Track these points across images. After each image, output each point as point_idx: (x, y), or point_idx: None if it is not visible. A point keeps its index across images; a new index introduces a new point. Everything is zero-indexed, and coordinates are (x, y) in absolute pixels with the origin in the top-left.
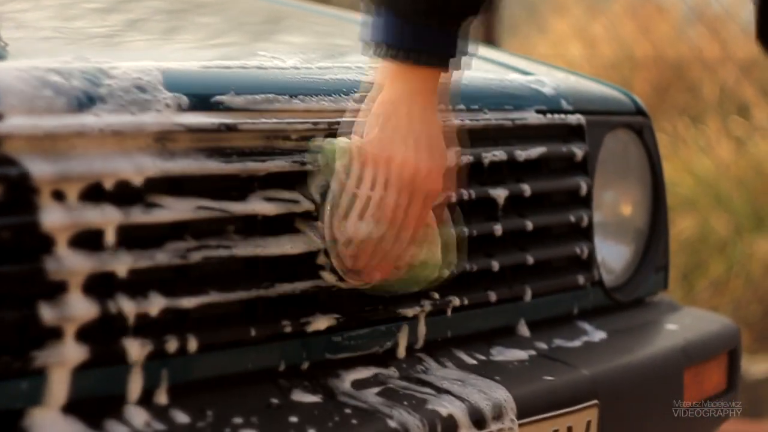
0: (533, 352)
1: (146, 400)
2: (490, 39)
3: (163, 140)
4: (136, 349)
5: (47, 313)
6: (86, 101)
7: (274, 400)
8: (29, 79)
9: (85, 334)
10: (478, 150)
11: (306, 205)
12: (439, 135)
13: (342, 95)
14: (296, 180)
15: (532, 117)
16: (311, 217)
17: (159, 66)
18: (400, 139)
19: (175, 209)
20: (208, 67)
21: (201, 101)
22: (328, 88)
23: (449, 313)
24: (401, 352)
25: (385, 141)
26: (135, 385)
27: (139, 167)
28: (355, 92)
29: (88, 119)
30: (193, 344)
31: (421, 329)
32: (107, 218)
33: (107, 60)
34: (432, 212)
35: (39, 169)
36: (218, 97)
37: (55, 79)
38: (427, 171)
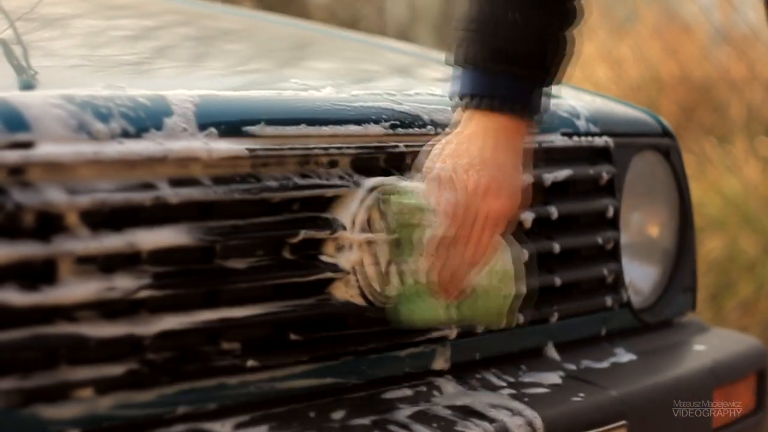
0: (562, 374)
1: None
2: None
3: (194, 167)
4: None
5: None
6: (112, 129)
7: (304, 422)
8: (57, 107)
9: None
10: None
11: (337, 230)
12: (513, 172)
13: (372, 123)
14: (326, 205)
15: (558, 139)
16: (340, 241)
17: (189, 94)
18: (472, 165)
19: (204, 234)
20: (239, 96)
21: (232, 129)
22: (359, 116)
23: (477, 335)
24: (430, 373)
25: (457, 166)
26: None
27: (168, 193)
28: (386, 119)
29: (114, 147)
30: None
31: (450, 351)
32: (135, 247)
33: (135, 87)
34: (496, 240)
35: (67, 197)
36: (249, 126)
37: (81, 107)
38: (496, 192)
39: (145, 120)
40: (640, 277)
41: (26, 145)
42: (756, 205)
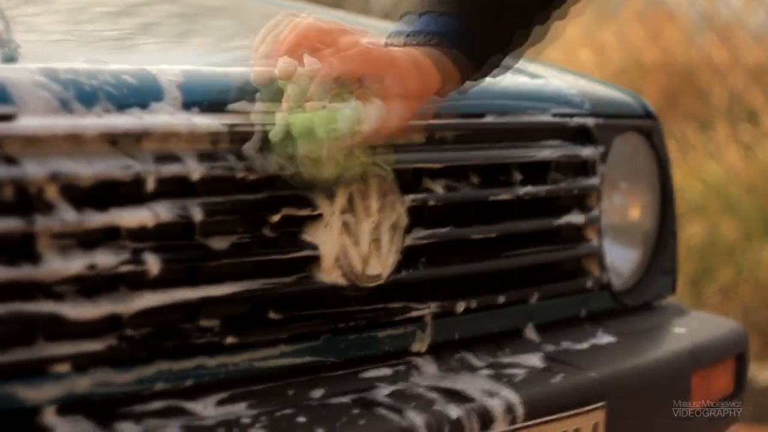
0: (541, 355)
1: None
2: None
3: (175, 143)
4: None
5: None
6: (94, 103)
7: (283, 400)
8: (40, 80)
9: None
10: (487, 152)
11: (318, 209)
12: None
13: None
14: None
15: (540, 119)
16: (321, 220)
17: (172, 69)
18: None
19: (185, 210)
20: (221, 72)
21: (214, 106)
22: None
23: (456, 315)
24: (409, 353)
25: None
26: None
27: (149, 169)
28: None
29: (95, 121)
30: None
31: (428, 331)
32: (116, 221)
33: (118, 62)
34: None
35: (48, 170)
36: (231, 103)
37: (63, 80)
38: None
39: (128, 96)
40: (620, 259)
41: (7, 117)
42: (737, 191)
